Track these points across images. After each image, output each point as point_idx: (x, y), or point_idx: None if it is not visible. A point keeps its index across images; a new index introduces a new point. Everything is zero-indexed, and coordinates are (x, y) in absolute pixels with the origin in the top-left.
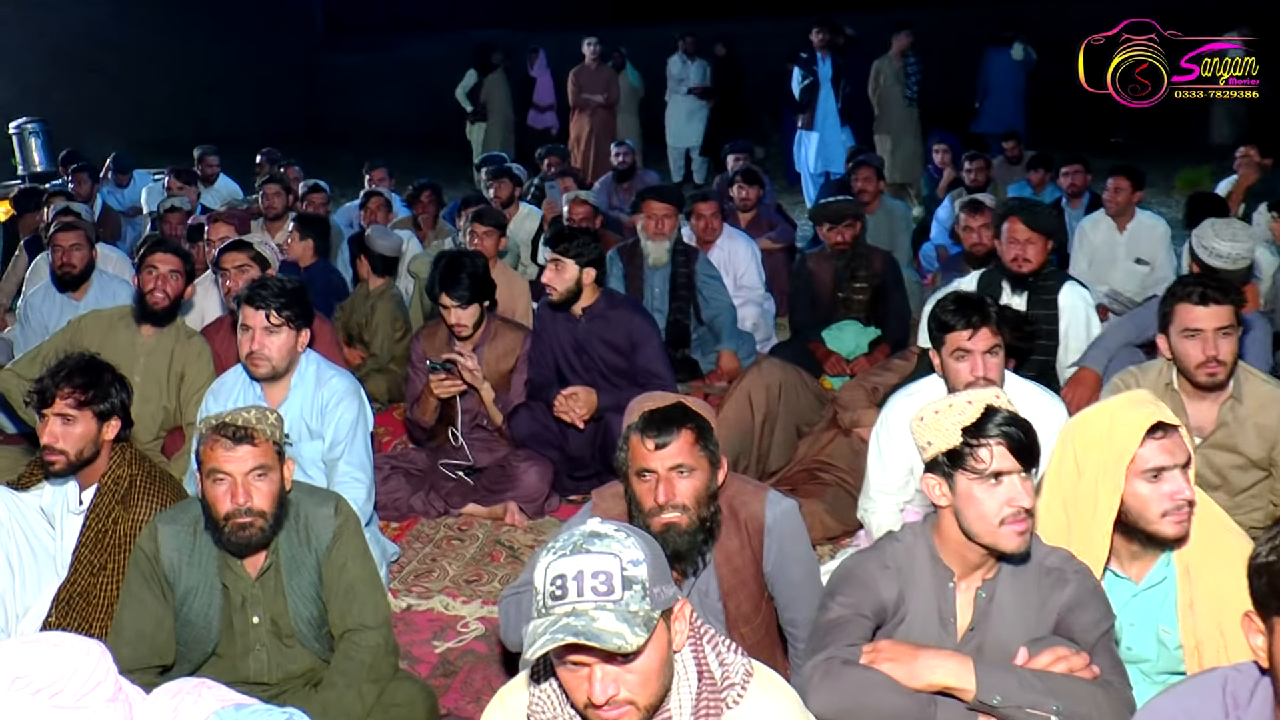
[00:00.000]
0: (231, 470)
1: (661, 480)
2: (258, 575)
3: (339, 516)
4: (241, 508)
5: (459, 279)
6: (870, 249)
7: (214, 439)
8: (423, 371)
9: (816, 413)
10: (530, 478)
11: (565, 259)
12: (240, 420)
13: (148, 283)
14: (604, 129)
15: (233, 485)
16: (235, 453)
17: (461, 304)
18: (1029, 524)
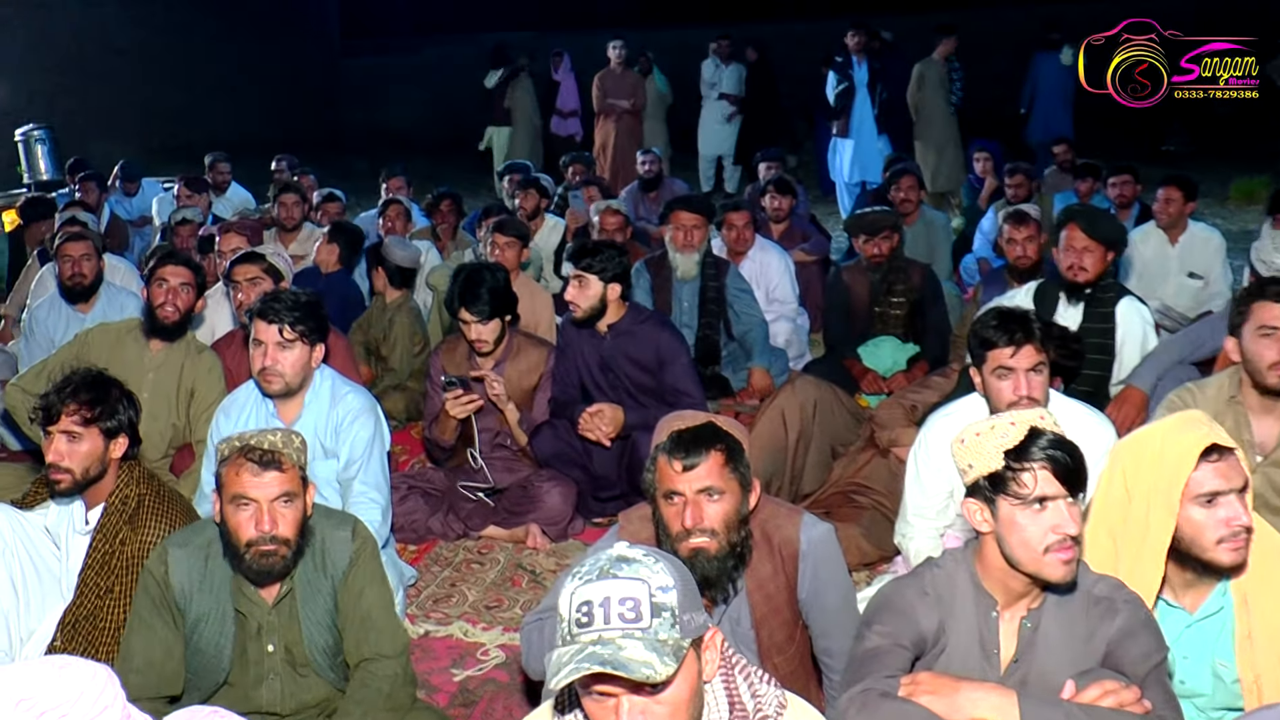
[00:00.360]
0: (257, 496)
1: (689, 503)
2: (274, 602)
3: (356, 540)
4: (266, 535)
5: (479, 293)
6: (908, 262)
7: (239, 462)
8: (438, 397)
9: (852, 432)
10: (553, 499)
11: (589, 275)
12: (267, 444)
13: (158, 296)
14: (630, 136)
15: (258, 512)
16: (262, 478)
17: (482, 319)
18: (1076, 552)
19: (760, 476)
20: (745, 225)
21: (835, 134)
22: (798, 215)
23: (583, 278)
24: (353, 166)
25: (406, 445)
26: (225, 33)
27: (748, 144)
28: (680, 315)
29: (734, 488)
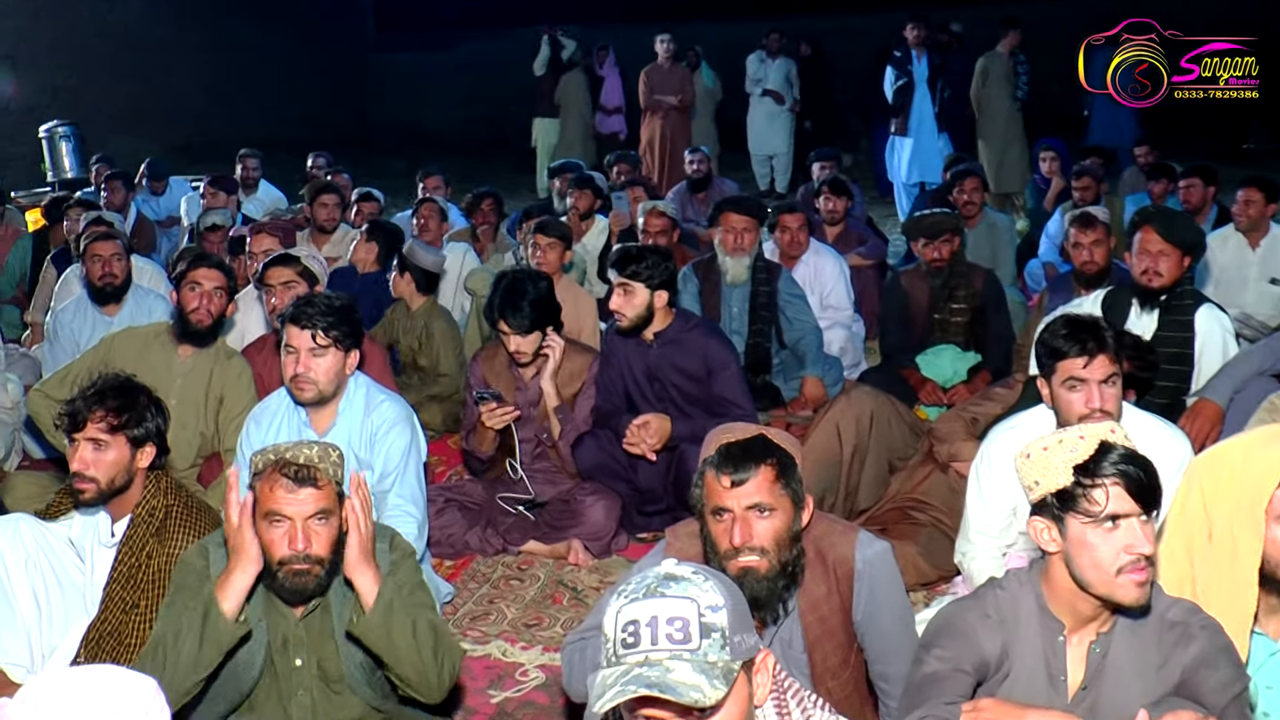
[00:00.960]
0: (291, 514)
1: (738, 520)
2: (302, 616)
3: (394, 553)
4: (299, 554)
5: (520, 305)
6: (970, 266)
7: (274, 478)
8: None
9: (910, 446)
10: (596, 513)
11: (634, 283)
12: (303, 458)
13: (190, 300)
14: (677, 133)
15: (291, 530)
16: (297, 495)
17: (522, 332)
18: (1149, 573)
19: (813, 492)
20: (799, 228)
21: (893, 132)
22: (853, 217)
23: (628, 286)
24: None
25: (443, 456)
26: (254, 26)
27: (801, 143)
28: (730, 322)
29: (785, 504)
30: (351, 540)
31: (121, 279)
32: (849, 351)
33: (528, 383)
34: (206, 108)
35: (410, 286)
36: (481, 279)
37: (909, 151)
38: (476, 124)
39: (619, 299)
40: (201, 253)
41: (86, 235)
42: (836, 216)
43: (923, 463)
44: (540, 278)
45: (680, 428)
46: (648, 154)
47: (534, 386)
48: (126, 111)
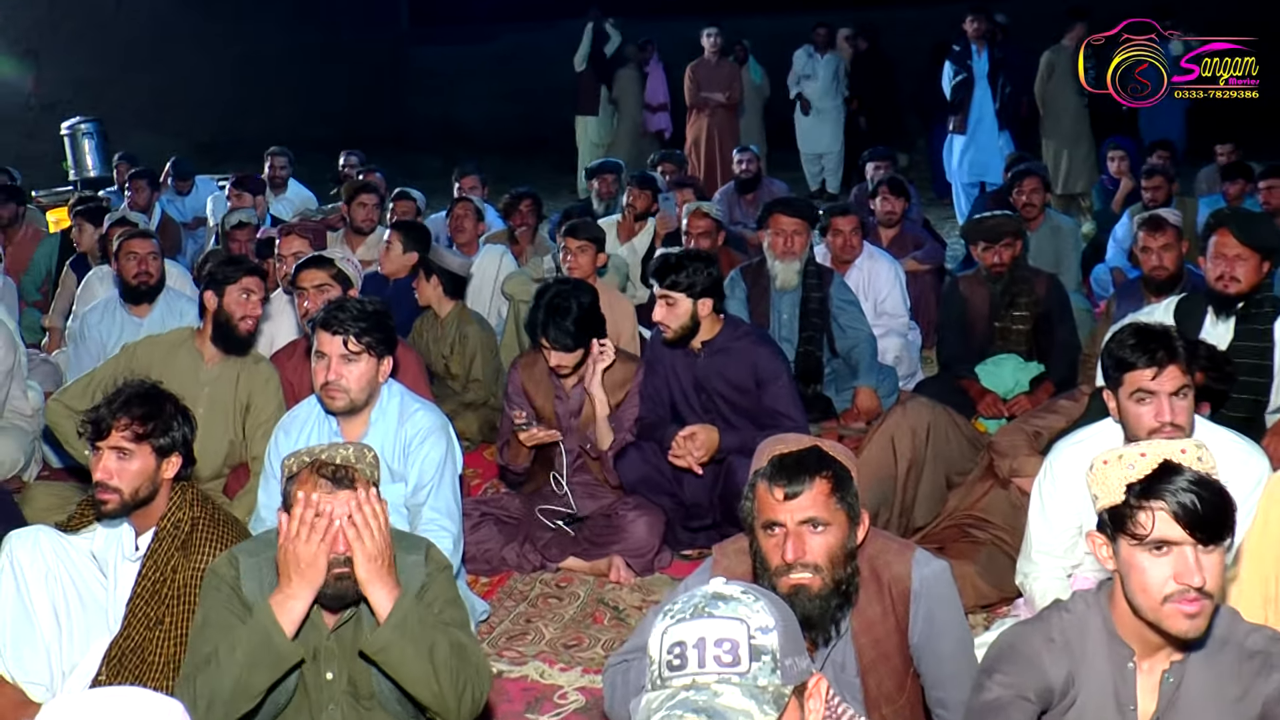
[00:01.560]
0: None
1: (791, 535)
2: (334, 627)
3: (430, 565)
4: (340, 557)
5: (564, 325)
6: (1033, 271)
7: (310, 480)
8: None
9: (969, 460)
10: (639, 529)
11: (675, 293)
12: (339, 458)
13: (240, 308)
14: (725, 132)
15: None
16: (336, 497)
17: (566, 350)
18: (1203, 605)
19: (867, 508)
20: (853, 230)
21: (951, 130)
22: (910, 220)
23: (669, 297)
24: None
25: (479, 468)
26: (284, 19)
27: (855, 141)
28: (779, 329)
29: (840, 519)
30: (357, 553)
31: (156, 278)
32: (904, 361)
33: (569, 392)
34: (234, 104)
35: (437, 290)
36: (519, 283)
37: (968, 150)
38: (515, 121)
39: (661, 310)
40: (240, 258)
41: (120, 233)
42: (894, 218)
43: (982, 478)
44: (584, 290)
45: (728, 439)
46: (693, 153)
47: (575, 396)
48: (151, 108)
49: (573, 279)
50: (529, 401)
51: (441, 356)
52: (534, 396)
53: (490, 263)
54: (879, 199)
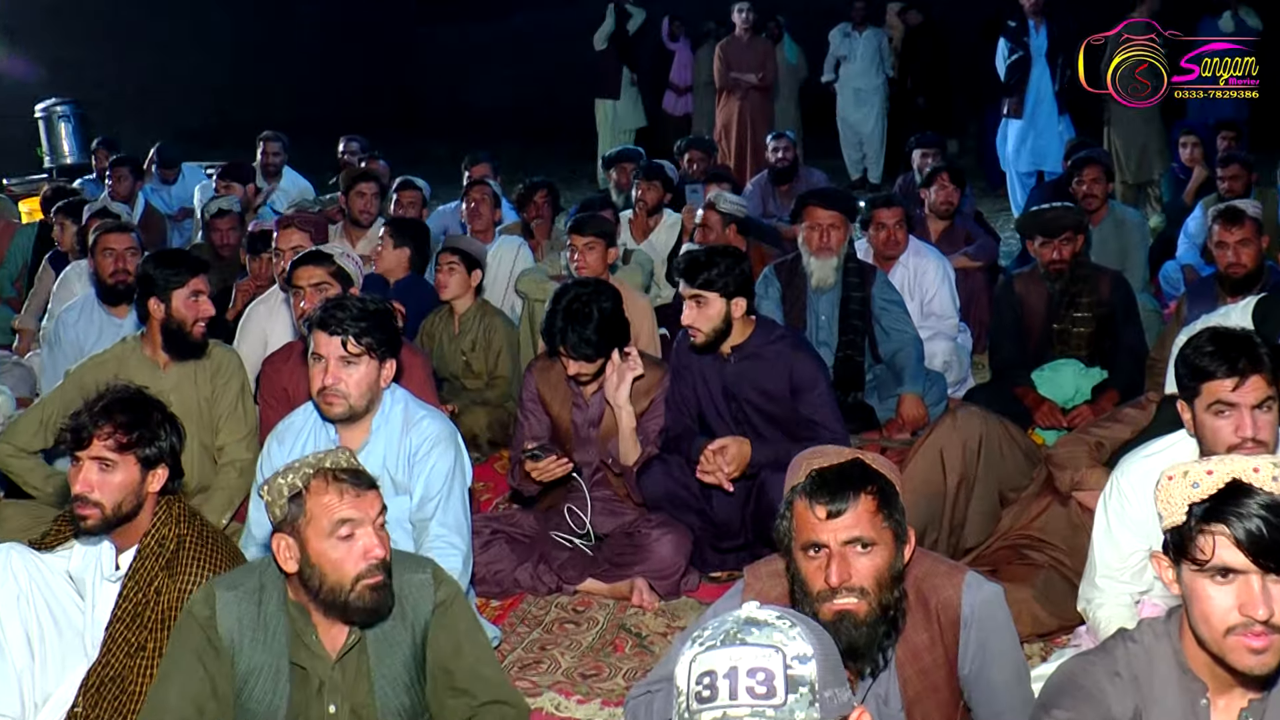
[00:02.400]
0: (362, 516)
1: (835, 557)
2: (339, 655)
3: (439, 586)
4: (376, 563)
5: (585, 334)
6: (1095, 269)
7: (332, 485)
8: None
9: (1025, 475)
10: (664, 548)
11: (708, 293)
12: (345, 462)
13: (190, 313)
14: (758, 116)
15: (367, 537)
16: (365, 498)
17: (587, 360)
18: (1272, 640)
19: (914, 526)
20: (897, 224)
21: (1006, 114)
22: (961, 213)
23: (701, 297)
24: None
25: (489, 481)
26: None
27: (900, 126)
28: (816, 332)
29: (887, 538)
30: None
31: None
32: (954, 366)
33: (588, 400)
34: (225, 85)
35: (473, 283)
36: (534, 281)
37: (1024, 136)
38: (530, 105)
39: (691, 312)
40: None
41: (96, 227)
42: (950, 209)
43: (1039, 494)
44: (606, 294)
45: (761, 453)
46: (723, 139)
47: (595, 404)
48: (134, 89)
49: (593, 280)
50: (545, 409)
51: (461, 353)
52: (550, 404)
53: (506, 255)
54: (934, 187)
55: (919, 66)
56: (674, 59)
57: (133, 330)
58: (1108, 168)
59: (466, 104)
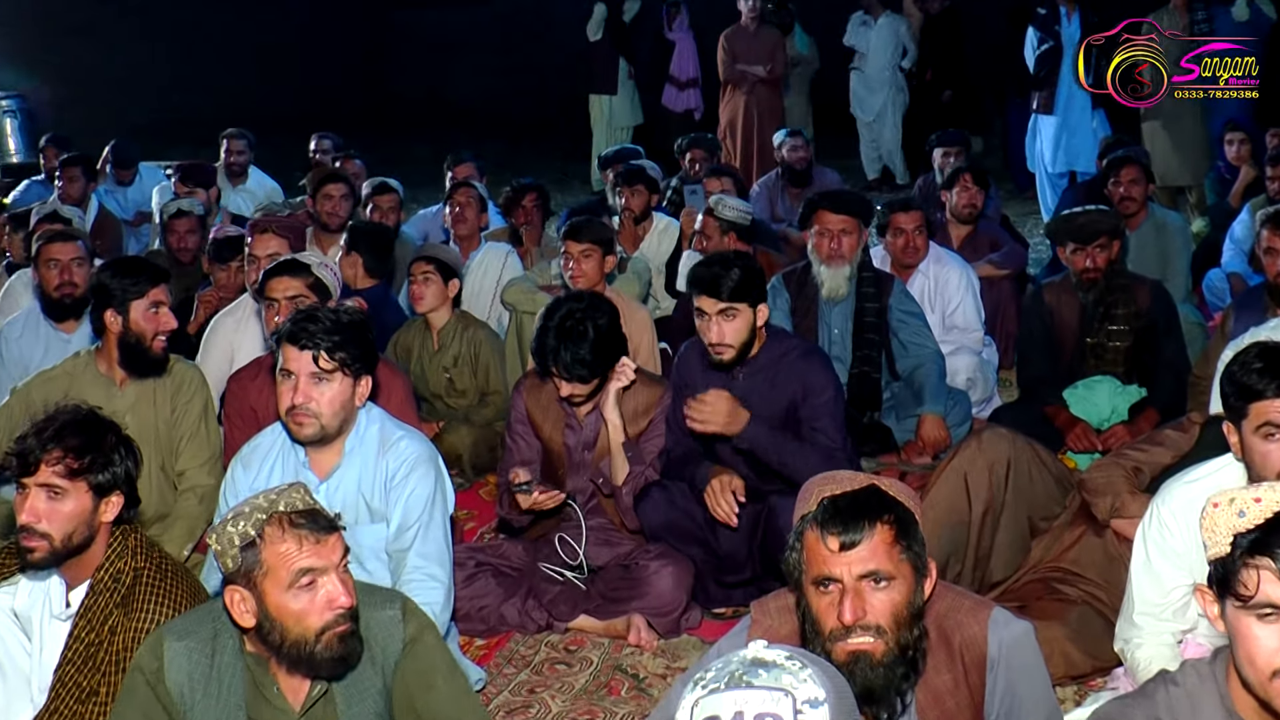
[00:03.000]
0: (326, 564)
1: (849, 592)
2: (303, 709)
3: (409, 622)
4: (343, 613)
5: (579, 354)
6: (1133, 278)
7: (289, 532)
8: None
9: (1057, 502)
10: (663, 582)
11: (740, 305)
12: (301, 504)
13: (150, 326)
14: (766, 112)
15: (331, 585)
16: (327, 543)
17: (582, 380)
18: None
19: (936, 558)
20: (916, 229)
21: (1035, 109)
22: (986, 217)
23: (733, 310)
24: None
25: (474, 508)
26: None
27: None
28: (829, 347)
29: (906, 572)
30: None
31: (83, 288)
32: (978, 383)
33: (582, 421)
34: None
35: (450, 295)
36: (522, 292)
37: (1056, 134)
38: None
39: (721, 329)
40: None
41: (39, 235)
42: (974, 212)
43: (1072, 523)
44: (601, 309)
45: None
46: (728, 137)
47: (590, 425)
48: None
49: (588, 294)
50: (535, 432)
51: (443, 370)
52: (540, 425)
53: (493, 263)
54: (956, 189)
55: (940, 57)
56: (674, 50)
57: (85, 345)
58: (1147, 168)
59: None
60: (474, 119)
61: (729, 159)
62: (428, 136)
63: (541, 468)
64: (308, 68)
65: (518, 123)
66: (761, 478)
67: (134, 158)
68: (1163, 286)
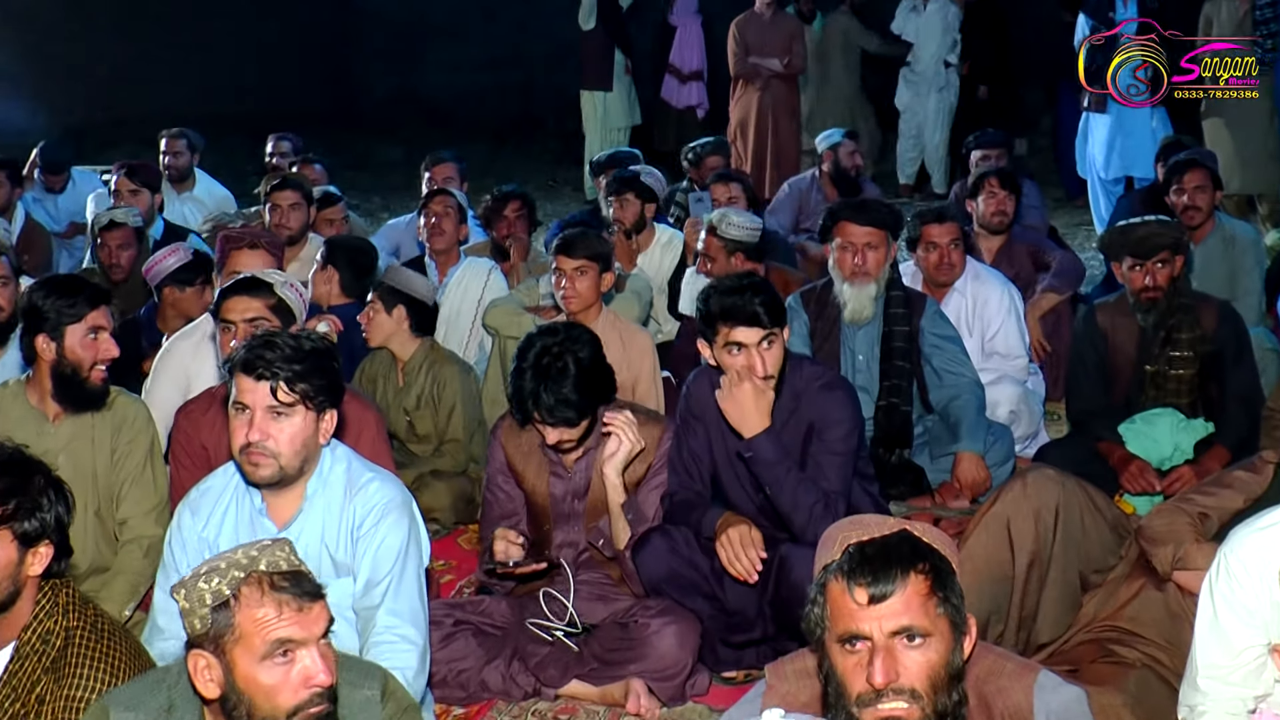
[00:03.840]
0: (305, 638)
1: (879, 651)
2: None
3: (388, 703)
4: (320, 692)
5: (561, 393)
6: (1198, 297)
7: (270, 595)
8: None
9: (1112, 552)
10: (665, 642)
11: (779, 329)
12: (284, 564)
13: (88, 354)
14: (781, 110)
15: (309, 661)
16: (310, 614)
17: (569, 424)
18: None
19: (976, 615)
20: (952, 243)
21: (1086, 107)
22: (1029, 227)
23: (774, 335)
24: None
25: (453, 559)
26: None
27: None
28: (853, 375)
29: (943, 628)
30: None
31: (9, 311)
32: (1023, 417)
33: (570, 468)
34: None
35: (402, 325)
36: (506, 314)
37: (1112, 135)
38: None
39: (764, 358)
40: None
41: None
42: (1004, 221)
43: (1130, 576)
44: (580, 340)
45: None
46: (739, 139)
47: (580, 472)
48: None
49: (563, 326)
50: (517, 481)
51: (404, 412)
52: (523, 474)
53: (473, 281)
54: (982, 196)
55: (981, 49)
56: (675, 37)
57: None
58: (1214, 173)
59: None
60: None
61: (739, 163)
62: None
63: (527, 520)
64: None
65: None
66: (776, 524)
67: (65, 161)
68: (1232, 307)
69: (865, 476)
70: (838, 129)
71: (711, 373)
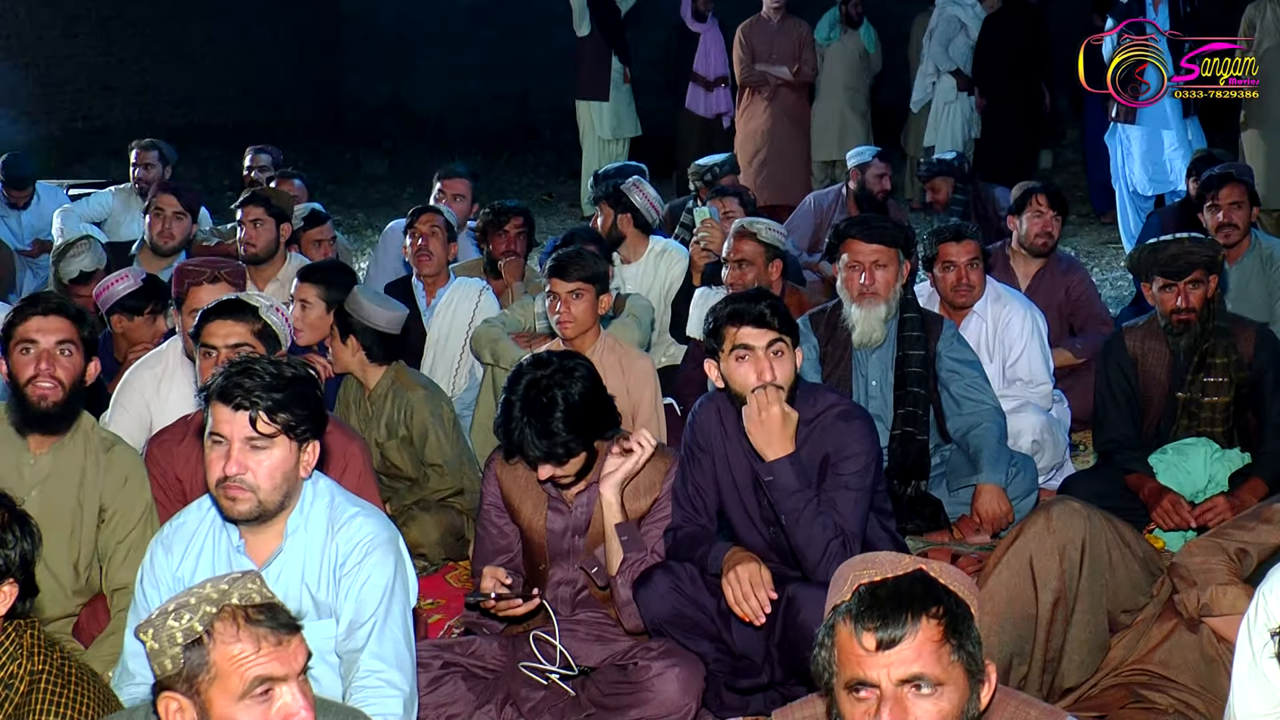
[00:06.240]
0: (285, 674)
1: (888, 700)
2: None
3: None
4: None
5: (550, 428)
6: (1234, 320)
7: (245, 631)
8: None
9: (1143, 591)
10: (667, 686)
11: (788, 339)
12: (258, 597)
13: (24, 367)
14: (791, 123)
15: (289, 699)
16: (288, 649)
17: (559, 461)
18: None
19: (997, 659)
20: (970, 263)
21: (1114, 118)
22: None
23: (783, 345)
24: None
25: (441, 598)
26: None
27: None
28: (866, 402)
29: (957, 676)
30: None
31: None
32: (1047, 447)
33: (571, 502)
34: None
35: (358, 356)
36: (488, 340)
37: (1144, 148)
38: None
39: (770, 360)
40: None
41: None
42: (1049, 243)
43: (1161, 616)
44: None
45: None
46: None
47: (581, 507)
48: None
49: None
50: (513, 516)
51: (375, 443)
52: (519, 509)
53: (463, 302)
54: (1028, 214)
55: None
56: (698, 43)
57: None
58: (1250, 187)
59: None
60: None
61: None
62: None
63: (522, 558)
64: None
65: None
66: (786, 561)
67: (30, 175)
68: (1270, 331)
69: (883, 512)
70: (870, 147)
71: (719, 400)
